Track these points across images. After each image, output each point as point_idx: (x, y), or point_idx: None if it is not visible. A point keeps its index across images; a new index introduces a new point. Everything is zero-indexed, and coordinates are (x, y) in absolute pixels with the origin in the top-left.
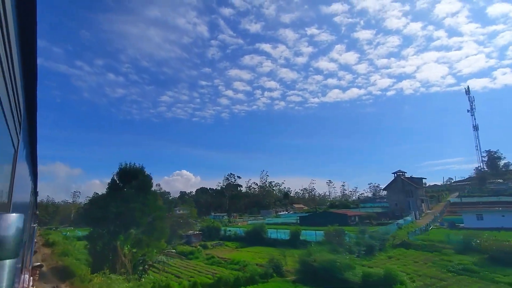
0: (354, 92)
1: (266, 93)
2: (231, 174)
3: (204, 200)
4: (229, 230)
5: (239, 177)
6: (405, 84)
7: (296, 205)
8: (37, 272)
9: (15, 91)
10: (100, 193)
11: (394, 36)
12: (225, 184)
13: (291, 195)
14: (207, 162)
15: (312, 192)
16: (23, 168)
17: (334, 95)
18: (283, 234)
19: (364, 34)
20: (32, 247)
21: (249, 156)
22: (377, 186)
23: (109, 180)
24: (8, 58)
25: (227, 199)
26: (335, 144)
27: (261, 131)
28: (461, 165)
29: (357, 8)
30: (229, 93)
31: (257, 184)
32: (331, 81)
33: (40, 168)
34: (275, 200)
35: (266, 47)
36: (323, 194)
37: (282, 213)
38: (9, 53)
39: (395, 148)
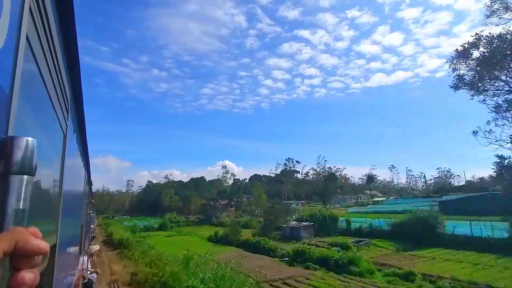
0: (399, 75)
1: (306, 81)
2: (290, 158)
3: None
4: (354, 222)
5: (298, 161)
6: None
7: (368, 192)
8: (94, 256)
9: (60, 80)
10: (155, 182)
11: (444, 12)
12: (280, 170)
13: (353, 182)
14: (249, 152)
15: (376, 179)
16: (74, 155)
17: (378, 79)
18: (487, 230)
19: (410, 13)
20: (89, 233)
21: (291, 145)
22: (449, 171)
23: (157, 171)
24: (51, 49)
25: (286, 186)
26: (381, 130)
27: (301, 120)
28: None
29: None
30: (269, 82)
31: (315, 170)
32: (374, 64)
33: (94, 160)
34: (337, 187)
35: (305, 33)
36: (384, 180)
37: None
38: (51, 43)
39: (448, 132)
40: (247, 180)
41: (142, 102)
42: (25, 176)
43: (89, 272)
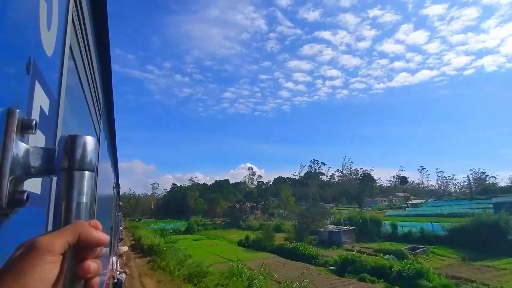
0: (424, 74)
1: (327, 82)
2: (315, 160)
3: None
4: (402, 226)
5: (323, 163)
6: (487, 60)
7: (399, 194)
8: (123, 257)
9: (95, 87)
10: (179, 185)
11: (471, 8)
12: (304, 172)
13: (380, 184)
14: (270, 155)
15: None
16: (105, 158)
17: (402, 79)
18: None
19: (434, 10)
20: (118, 234)
21: (313, 147)
22: (483, 172)
23: (180, 175)
24: (88, 57)
25: (311, 188)
26: (406, 131)
27: (323, 122)
28: None
29: None
30: (289, 85)
31: (341, 172)
32: (398, 64)
33: (121, 164)
34: (363, 189)
35: (326, 34)
36: (413, 182)
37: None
38: (88, 53)
39: (476, 133)
40: (271, 183)
41: (166, 107)
42: (86, 172)
43: (118, 272)
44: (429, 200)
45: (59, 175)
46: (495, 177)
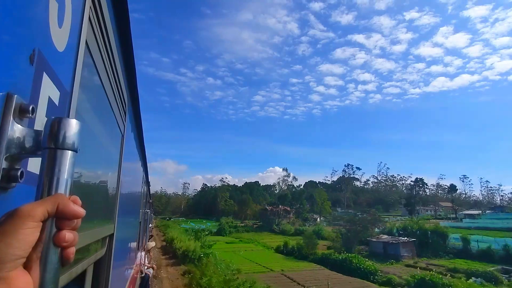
0: (464, 78)
1: (359, 87)
2: (349, 165)
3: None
4: (477, 241)
5: (358, 168)
6: None
7: (442, 203)
8: (151, 252)
9: (118, 84)
10: (210, 185)
11: None
12: (337, 177)
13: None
14: (299, 159)
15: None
16: (131, 155)
17: (440, 83)
18: None
19: (477, 11)
20: (147, 231)
21: (344, 152)
22: None
23: (210, 176)
24: (109, 54)
25: (345, 193)
26: (444, 138)
27: (355, 126)
28: None
29: None
30: (321, 89)
31: (376, 178)
32: (436, 68)
33: (154, 164)
34: (401, 197)
35: (359, 37)
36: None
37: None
38: (109, 49)
39: None
40: (301, 186)
41: (198, 109)
42: (68, 151)
43: (146, 267)
44: (487, 211)
45: (44, 153)
46: None
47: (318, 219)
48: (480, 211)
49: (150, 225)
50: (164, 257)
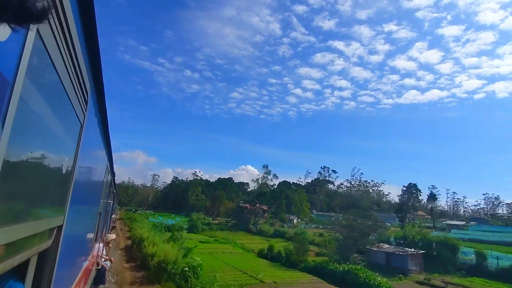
0: (434, 93)
1: (336, 93)
2: (325, 167)
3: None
4: (497, 257)
5: (334, 171)
6: (499, 86)
7: (418, 213)
8: (110, 244)
9: (79, 74)
10: (181, 179)
11: (487, 32)
12: (311, 179)
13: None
14: (271, 159)
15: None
16: (92, 145)
17: (411, 96)
18: None
19: (451, 30)
20: (108, 222)
21: (316, 155)
22: (497, 198)
23: (180, 170)
24: (67, 40)
25: (319, 196)
26: (412, 149)
27: (328, 131)
28: None
29: (444, 1)
30: (298, 91)
31: (350, 183)
32: (409, 81)
33: (123, 153)
34: (373, 203)
35: (339, 44)
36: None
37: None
38: (67, 35)
39: (482, 158)
40: (275, 186)
41: (173, 101)
42: None
43: (103, 259)
44: (471, 223)
45: None
46: (509, 204)
47: (295, 221)
48: (464, 222)
49: (113, 216)
50: (128, 265)
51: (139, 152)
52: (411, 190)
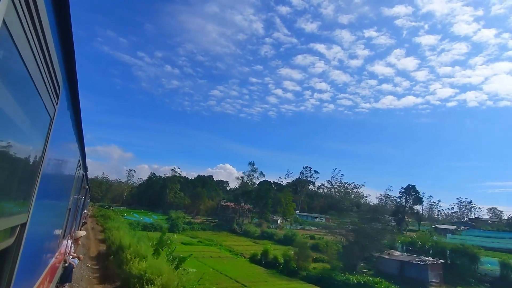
0: (410, 100)
1: (315, 95)
2: (307, 167)
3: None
4: None
5: (316, 171)
6: (470, 95)
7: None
8: (79, 241)
9: (50, 66)
10: (158, 176)
11: (461, 43)
12: (291, 179)
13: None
14: (252, 158)
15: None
16: (63, 139)
17: (388, 101)
18: None
19: (427, 39)
20: (78, 218)
21: (293, 156)
22: (469, 203)
23: (157, 166)
24: (37, 30)
25: (300, 196)
26: (383, 153)
27: (308, 133)
28: None
29: (422, 11)
30: (278, 91)
31: (331, 184)
32: (386, 86)
33: (97, 148)
34: (353, 205)
35: (320, 47)
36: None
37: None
38: (37, 23)
39: (452, 163)
40: (255, 186)
41: (152, 97)
42: None
43: (71, 256)
44: (462, 227)
45: None
46: (480, 208)
47: (279, 221)
48: (455, 226)
49: (85, 212)
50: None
51: (114, 146)
52: (409, 192)
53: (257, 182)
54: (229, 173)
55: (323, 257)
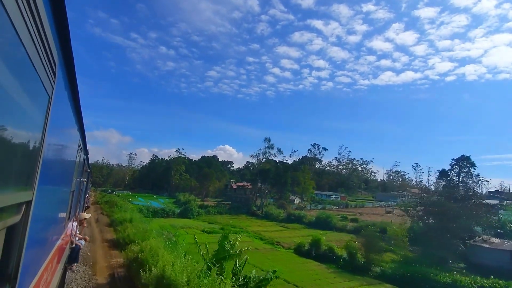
0: (408, 75)
1: (314, 73)
2: (316, 144)
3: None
4: None
5: (325, 148)
6: (469, 69)
7: (413, 191)
8: (84, 223)
9: (46, 43)
10: (161, 158)
11: (461, 15)
12: (298, 158)
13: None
14: (250, 139)
15: (405, 177)
16: (63, 120)
17: (386, 77)
18: None
19: (426, 12)
20: (82, 201)
21: (292, 135)
22: (477, 176)
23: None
24: (32, 13)
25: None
26: (384, 130)
27: (307, 111)
28: None
29: None
30: (276, 70)
31: (339, 161)
32: (385, 62)
33: (96, 133)
34: (361, 181)
35: (318, 23)
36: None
37: None
38: (31, 8)
39: (451, 137)
40: (260, 165)
41: (148, 79)
42: None
43: (77, 238)
44: (505, 202)
45: None
46: (488, 181)
47: (296, 201)
48: (498, 201)
49: (87, 196)
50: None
51: (112, 130)
52: (463, 164)
53: (276, 160)
54: (229, 154)
55: (392, 248)
